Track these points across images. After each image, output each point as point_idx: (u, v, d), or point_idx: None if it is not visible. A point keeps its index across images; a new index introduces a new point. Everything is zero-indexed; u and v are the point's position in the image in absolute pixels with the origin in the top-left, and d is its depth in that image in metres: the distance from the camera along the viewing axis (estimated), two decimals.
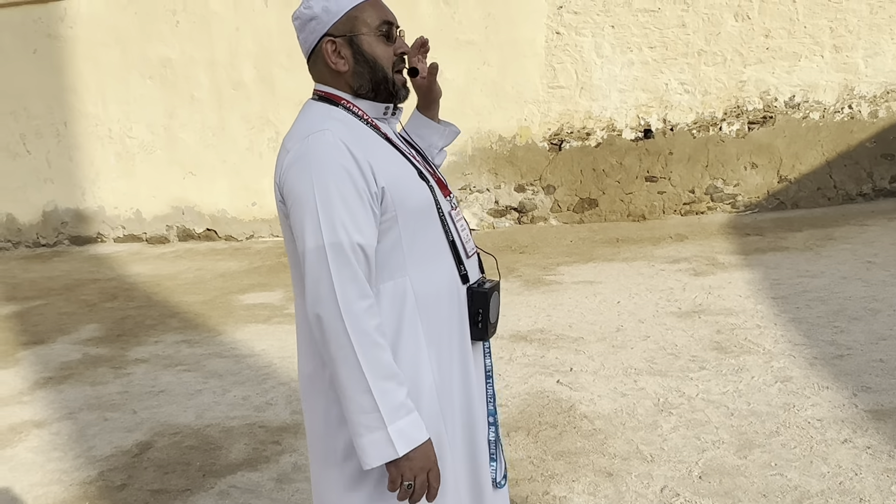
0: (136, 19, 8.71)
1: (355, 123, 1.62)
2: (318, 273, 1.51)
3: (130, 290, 6.95)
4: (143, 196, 9.05)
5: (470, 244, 1.73)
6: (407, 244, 1.60)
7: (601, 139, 7.77)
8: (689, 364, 3.89)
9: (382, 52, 1.65)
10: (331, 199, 1.51)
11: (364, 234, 1.52)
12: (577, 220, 7.87)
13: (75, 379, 4.53)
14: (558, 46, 7.73)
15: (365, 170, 1.54)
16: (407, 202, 1.59)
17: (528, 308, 5.17)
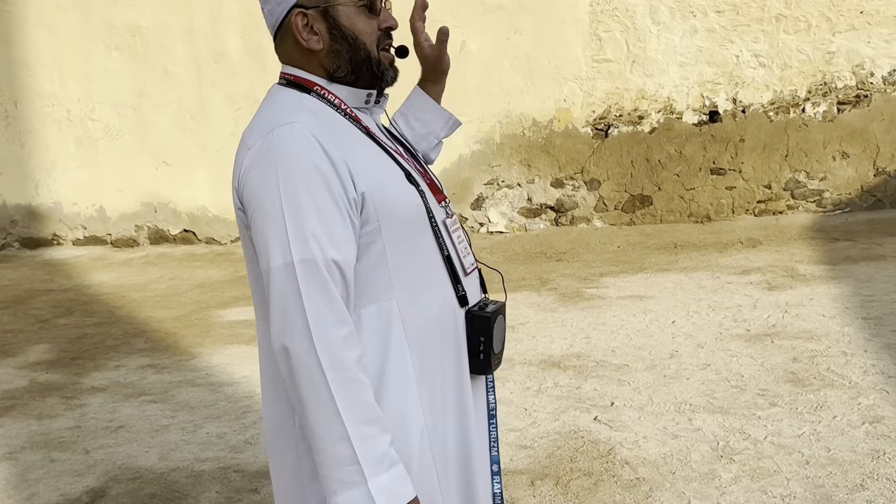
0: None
1: (330, 114, 1.61)
2: (285, 296, 1.49)
3: (90, 303, 7.03)
4: (108, 190, 9.16)
5: (469, 259, 1.72)
6: (393, 260, 1.59)
7: (656, 123, 7.73)
8: (756, 399, 3.86)
9: (364, 25, 1.64)
10: (301, 205, 1.49)
11: (341, 249, 1.51)
12: (626, 221, 7.83)
13: (18, 411, 4.59)
14: (605, 11, 7.71)
15: (342, 171, 1.52)
16: (393, 210, 1.58)
17: (564, 328, 5.16)
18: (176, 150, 8.91)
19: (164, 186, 9.00)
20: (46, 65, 9.12)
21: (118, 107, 9.01)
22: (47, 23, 9.05)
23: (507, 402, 4.09)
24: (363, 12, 1.63)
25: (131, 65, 8.91)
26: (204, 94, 8.77)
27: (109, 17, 8.88)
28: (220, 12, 8.58)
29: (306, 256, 1.48)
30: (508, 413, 3.96)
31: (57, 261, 8.85)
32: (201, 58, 8.71)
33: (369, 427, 1.48)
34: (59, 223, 9.36)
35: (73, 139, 9.18)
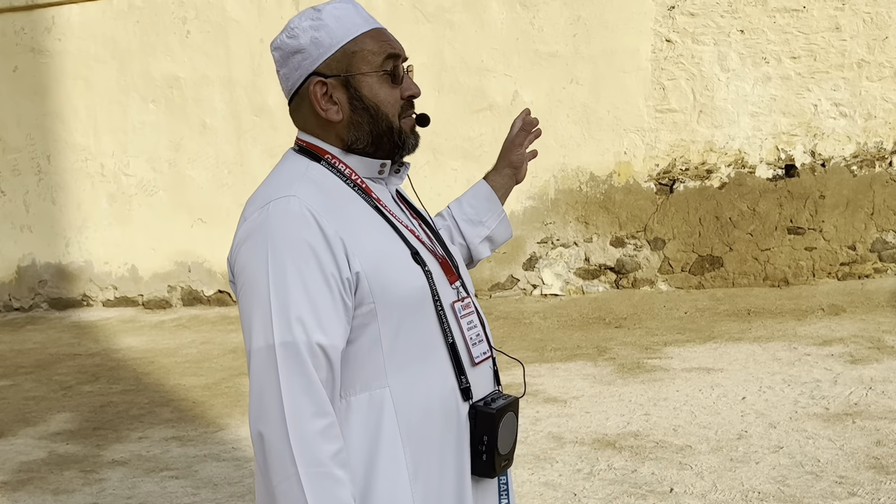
0: (138, 29, 9.16)
1: (336, 185, 1.66)
2: (263, 380, 1.51)
3: (116, 368, 7.15)
4: (141, 249, 9.37)
5: (480, 347, 1.72)
6: (388, 345, 1.59)
7: (727, 178, 7.67)
8: (834, 488, 3.73)
9: (387, 95, 1.68)
10: (288, 285, 1.52)
11: (328, 333, 1.52)
12: (693, 284, 7.74)
13: (35, 485, 4.66)
14: (669, 58, 7.73)
15: (336, 248, 1.55)
16: (391, 291, 1.59)
17: (621, 403, 5.09)
18: (212, 207, 9.09)
19: (199, 245, 9.17)
20: (81, 118, 9.43)
21: (153, 161, 9.25)
22: (83, 75, 9.38)
23: (555, 485, 4.02)
24: (386, 81, 1.68)
25: (168, 118, 9.17)
26: (243, 149, 8.96)
27: (147, 69, 9.18)
28: (261, 63, 8.81)
29: (288, 339, 1.50)
30: (556, 499, 3.89)
31: (86, 323, 9.03)
32: (240, 110, 8.93)
33: None
34: (89, 283, 9.57)
35: (106, 195, 9.43)
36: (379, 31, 1.71)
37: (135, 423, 5.63)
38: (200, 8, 8.96)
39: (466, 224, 2.01)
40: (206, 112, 9.05)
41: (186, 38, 9.03)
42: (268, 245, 1.55)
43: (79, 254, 9.57)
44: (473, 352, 1.70)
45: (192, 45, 9.02)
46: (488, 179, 2.04)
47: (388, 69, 1.68)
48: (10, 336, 8.82)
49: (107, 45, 9.27)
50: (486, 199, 2.01)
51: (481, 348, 1.72)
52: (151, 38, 9.14)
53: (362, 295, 1.57)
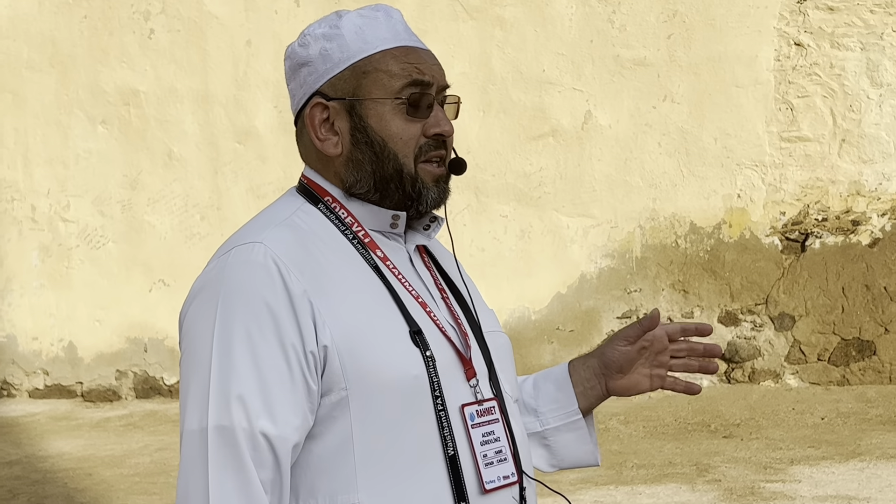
0: (86, 27, 9.37)
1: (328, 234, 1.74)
2: (190, 470, 1.59)
3: (42, 483, 7.19)
4: (82, 320, 9.47)
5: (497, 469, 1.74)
6: (362, 449, 1.63)
7: (880, 233, 7.64)
8: None
9: (400, 130, 1.74)
10: (234, 353, 1.60)
11: (276, 421, 1.58)
12: (835, 379, 7.67)
13: None
14: (799, 68, 7.75)
15: (301, 312, 1.61)
16: (371, 377, 1.63)
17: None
18: (178, 265, 9.18)
19: (159, 316, 9.24)
20: (7, 144, 9.63)
21: (101, 203, 9.39)
22: (12, 87, 9.59)
23: None
24: (401, 112, 1.75)
25: (123, 145, 9.32)
26: (221, 187, 9.07)
27: (96, 80, 9.36)
28: (247, 73, 8.96)
29: (225, 423, 1.57)
30: None
31: (5, 419, 9.11)
32: (219, 136, 9.06)
33: None
34: (11, 366, 9.68)
35: (38, 247, 9.58)
36: (408, 50, 1.77)
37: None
38: (168, 1, 9.15)
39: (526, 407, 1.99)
40: (174, 138, 9.19)
41: (149, 40, 9.22)
42: (218, 302, 1.62)
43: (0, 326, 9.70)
44: (485, 474, 1.71)
45: (156, 49, 9.20)
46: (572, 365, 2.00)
47: (405, 97, 1.74)
48: None
49: (44, 47, 9.49)
50: (556, 385, 1.98)
51: (499, 471, 1.74)
52: (103, 40, 9.34)
53: (332, 378, 1.63)
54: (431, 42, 7.66)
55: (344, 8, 1.77)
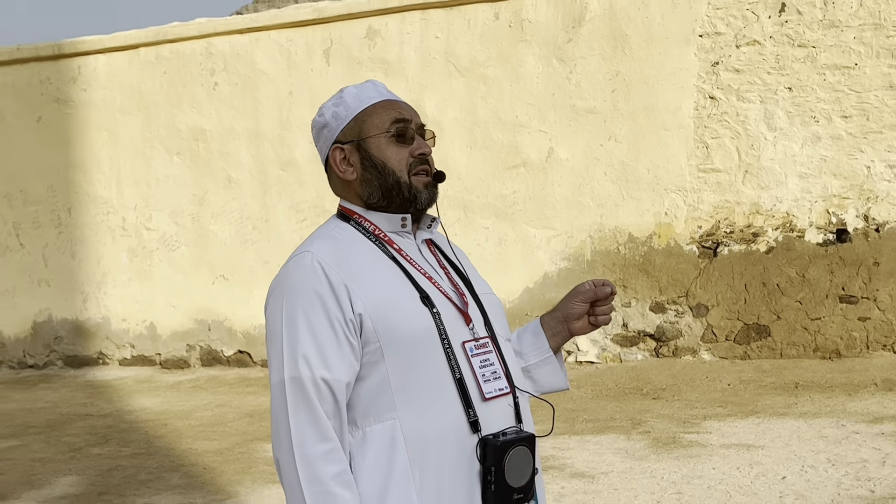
0: (166, 80, 9.40)
1: (357, 240, 1.93)
2: (277, 411, 1.80)
3: (128, 430, 7.21)
4: (160, 306, 9.50)
5: (494, 384, 1.89)
6: (396, 381, 1.82)
7: (774, 242, 7.64)
8: None
9: (393, 154, 1.94)
10: (297, 328, 1.80)
11: (331, 369, 1.79)
12: (738, 354, 7.67)
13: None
14: (713, 116, 7.77)
15: (340, 294, 1.82)
16: (395, 331, 1.82)
17: (652, 480, 5.03)
18: (235, 264, 9.22)
19: (220, 303, 9.28)
20: (104, 170, 9.66)
21: (176, 215, 9.42)
22: (108, 126, 9.63)
23: None
24: (392, 142, 1.95)
25: (193, 171, 9.36)
26: (268, 204, 9.11)
27: (173, 121, 9.40)
28: (289, 117, 8.99)
29: (295, 375, 1.78)
30: None
31: (100, 382, 9.14)
32: (267, 164, 9.09)
33: None
34: (105, 341, 9.71)
35: (127, 249, 9.61)
36: (389, 101, 1.99)
37: (142, 488, 5.66)
38: (229, 60, 9.19)
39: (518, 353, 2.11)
40: (232, 166, 9.23)
41: (214, 90, 9.26)
42: (284, 296, 1.85)
43: (96, 310, 9.72)
44: (484, 388, 1.87)
45: (219, 98, 9.24)
46: (542, 318, 2.13)
47: (392, 131, 1.95)
48: (21, 394, 8.94)
49: (133, 95, 9.53)
50: (531, 333, 2.11)
51: (495, 385, 1.89)
52: (178, 90, 9.38)
53: (367, 335, 1.82)
54: (430, 94, 7.79)
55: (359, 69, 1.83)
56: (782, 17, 7.61)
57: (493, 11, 8.31)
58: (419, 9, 8.51)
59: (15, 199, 9.99)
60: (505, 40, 8.27)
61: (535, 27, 8.19)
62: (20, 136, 9.93)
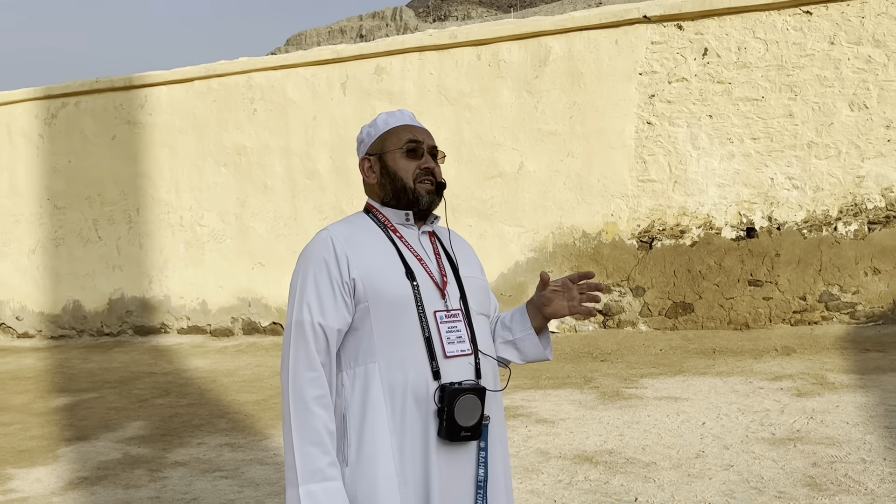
0: (215, 107, 9.37)
1: (368, 226, 1.99)
2: (285, 345, 1.89)
3: (185, 385, 7.21)
4: (210, 286, 9.49)
5: (457, 346, 1.90)
6: (378, 333, 1.87)
7: (697, 238, 7.67)
8: (773, 501, 3.69)
9: (405, 165, 2.00)
10: (307, 285, 1.89)
11: (326, 317, 1.86)
12: (669, 326, 7.70)
13: (110, 480, 4.70)
14: (649, 137, 7.79)
15: (341, 261, 1.89)
16: (380, 295, 1.88)
17: (600, 425, 5.05)
18: (270, 253, 9.21)
19: (258, 284, 9.27)
20: (166, 178, 9.63)
21: (223, 215, 9.40)
22: (169, 143, 9.59)
23: (539, 493, 4.01)
24: (405, 156, 2.01)
25: (236, 179, 9.34)
26: (296, 206, 9.10)
27: (220, 139, 9.37)
28: (314, 136, 8.97)
29: (300, 318, 1.87)
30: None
31: (162, 347, 9.13)
32: (295, 174, 9.08)
33: (312, 447, 1.80)
34: (167, 314, 9.69)
35: (184, 242, 9.59)
36: (409, 126, 2.04)
37: (196, 431, 5.67)
38: (265, 90, 9.16)
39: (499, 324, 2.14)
40: (268, 175, 9.21)
41: (253, 115, 9.23)
42: (303, 260, 1.93)
43: (159, 290, 9.70)
44: (447, 348, 1.89)
45: (257, 121, 9.21)
46: (527, 303, 2.14)
47: (405, 148, 2.00)
48: (100, 356, 8.93)
49: (188, 119, 9.50)
50: (520, 313, 2.12)
51: (459, 347, 1.91)
52: (224, 114, 9.34)
53: (359, 295, 1.88)
54: (426, 119, 7.78)
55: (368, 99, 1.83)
56: (705, 59, 7.63)
57: (476, 53, 8.31)
58: (417, 51, 8.50)
59: (94, 201, 9.95)
60: (485, 76, 8.27)
61: (510, 66, 8.19)
62: (98, 151, 9.89)
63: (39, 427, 6.04)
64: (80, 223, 10.04)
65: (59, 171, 10.11)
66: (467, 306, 1.96)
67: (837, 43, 7.30)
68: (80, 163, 9.98)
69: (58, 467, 5.00)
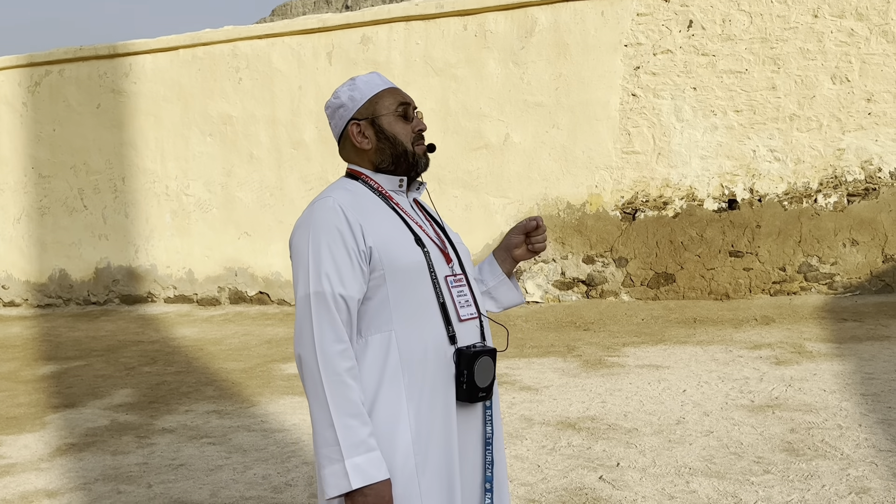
0: (199, 76, 9.25)
1: (365, 193, 1.92)
2: (302, 317, 1.79)
3: (172, 353, 7.19)
4: (197, 256, 9.43)
5: (468, 310, 1.91)
6: (394, 301, 1.83)
7: (679, 209, 7.68)
8: (752, 466, 3.73)
9: (402, 129, 1.95)
10: (321, 254, 1.80)
11: (346, 287, 1.79)
12: (650, 296, 7.74)
13: (97, 447, 4.70)
14: (634, 109, 7.76)
15: (355, 230, 1.82)
16: (395, 262, 1.83)
17: (583, 392, 5.09)
18: (256, 223, 9.15)
19: (244, 254, 9.22)
20: (151, 147, 9.52)
21: (209, 184, 9.32)
22: (154, 112, 9.47)
23: (523, 458, 4.04)
24: (400, 119, 1.95)
25: (222, 149, 9.25)
26: (282, 175, 9.03)
27: (206, 108, 9.26)
28: (299, 106, 8.88)
29: (319, 290, 1.79)
30: (522, 469, 3.90)
31: (149, 316, 9.09)
32: (281, 144, 9.00)
33: (352, 419, 1.73)
34: (153, 283, 9.64)
35: (170, 211, 9.51)
36: (393, 88, 1.99)
37: (183, 398, 5.66)
38: (251, 60, 9.04)
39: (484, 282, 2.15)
40: (253, 145, 9.12)
41: (239, 84, 9.12)
42: (310, 229, 1.83)
43: (146, 259, 9.64)
44: (461, 312, 1.89)
45: (243, 90, 9.10)
46: (494, 251, 2.15)
47: (400, 111, 1.95)
48: (86, 325, 8.88)
49: (173, 88, 9.37)
50: (488, 263, 2.14)
51: (469, 310, 1.91)
52: (210, 83, 9.23)
53: (374, 263, 1.82)
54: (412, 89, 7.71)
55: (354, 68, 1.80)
56: (690, 32, 7.59)
57: (462, 24, 8.23)
58: (404, 20, 8.41)
59: (79, 170, 9.84)
60: (471, 47, 8.20)
61: (496, 37, 8.12)
62: (83, 120, 9.75)
63: (27, 395, 6.01)
64: (65, 192, 9.93)
65: (43, 139, 9.97)
66: (465, 269, 1.98)
67: (821, 16, 7.28)
68: (65, 131, 9.84)
69: (45, 434, 4.99)
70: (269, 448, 4.51)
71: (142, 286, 9.67)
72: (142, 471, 4.27)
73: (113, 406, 5.55)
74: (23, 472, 4.32)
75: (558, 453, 4.08)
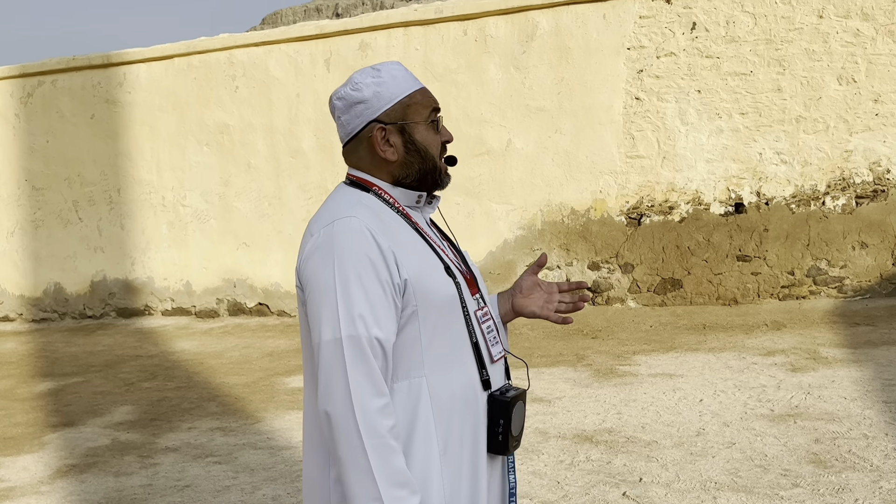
0: (195, 84, 9.12)
1: (384, 211, 1.64)
2: (331, 367, 1.51)
3: (172, 368, 7.05)
4: (194, 267, 9.29)
5: (497, 348, 1.71)
6: (426, 341, 1.59)
7: (686, 214, 7.59)
8: (779, 479, 3.62)
9: (433, 140, 1.69)
10: (351, 289, 1.52)
11: (383, 329, 1.53)
12: (658, 302, 7.64)
13: (99, 468, 4.55)
14: (638, 113, 7.67)
15: (389, 260, 1.55)
16: (430, 297, 1.59)
17: (597, 403, 4.97)
18: (254, 233, 9.02)
19: (243, 265, 9.09)
20: (147, 157, 9.39)
21: (206, 194, 9.19)
22: (149, 122, 9.34)
23: (541, 474, 3.91)
24: (432, 129, 1.69)
25: (219, 158, 9.12)
26: (281, 185, 8.90)
27: (202, 117, 9.14)
28: (298, 114, 8.77)
29: (353, 333, 1.51)
30: (541, 486, 3.77)
31: (147, 329, 8.94)
32: (279, 153, 8.87)
33: (400, 489, 1.49)
34: (150, 296, 9.49)
35: (166, 222, 9.37)
36: (425, 90, 1.72)
37: (185, 415, 5.53)
38: (247, 67, 8.92)
39: None
40: (251, 154, 9.00)
41: (235, 93, 9.00)
42: (334, 256, 1.54)
43: (142, 271, 9.49)
44: (493, 351, 1.69)
45: (240, 98, 8.98)
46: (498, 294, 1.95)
47: (433, 119, 1.69)
48: (83, 339, 8.73)
49: (169, 97, 9.24)
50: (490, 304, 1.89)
51: (498, 349, 1.71)
52: (206, 92, 9.10)
53: (408, 298, 1.57)
54: None
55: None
56: (693, 34, 7.51)
57: (462, 28, 8.13)
58: (402, 26, 8.31)
59: (74, 182, 9.69)
60: (472, 52, 8.10)
61: (496, 41, 8.02)
62: (77, 130, 9.61)
63: (24, 413, 5.86)
64: (59, 204, 9.78)
65: (36, 151, 9.83)
66: (485, 299, 1.75)
67: (826, 16, 7.20)
68: (59, 143, 9.70)
69: (45, 455, 4.84)
70: (277, 467, 4.37)
71: (139, 299, 9.51)
72: (146, 493, 4.13)
73: (113, 424, 5.41)
74: (22, 496, 4.18)
75: (577, 468, 3.96)
